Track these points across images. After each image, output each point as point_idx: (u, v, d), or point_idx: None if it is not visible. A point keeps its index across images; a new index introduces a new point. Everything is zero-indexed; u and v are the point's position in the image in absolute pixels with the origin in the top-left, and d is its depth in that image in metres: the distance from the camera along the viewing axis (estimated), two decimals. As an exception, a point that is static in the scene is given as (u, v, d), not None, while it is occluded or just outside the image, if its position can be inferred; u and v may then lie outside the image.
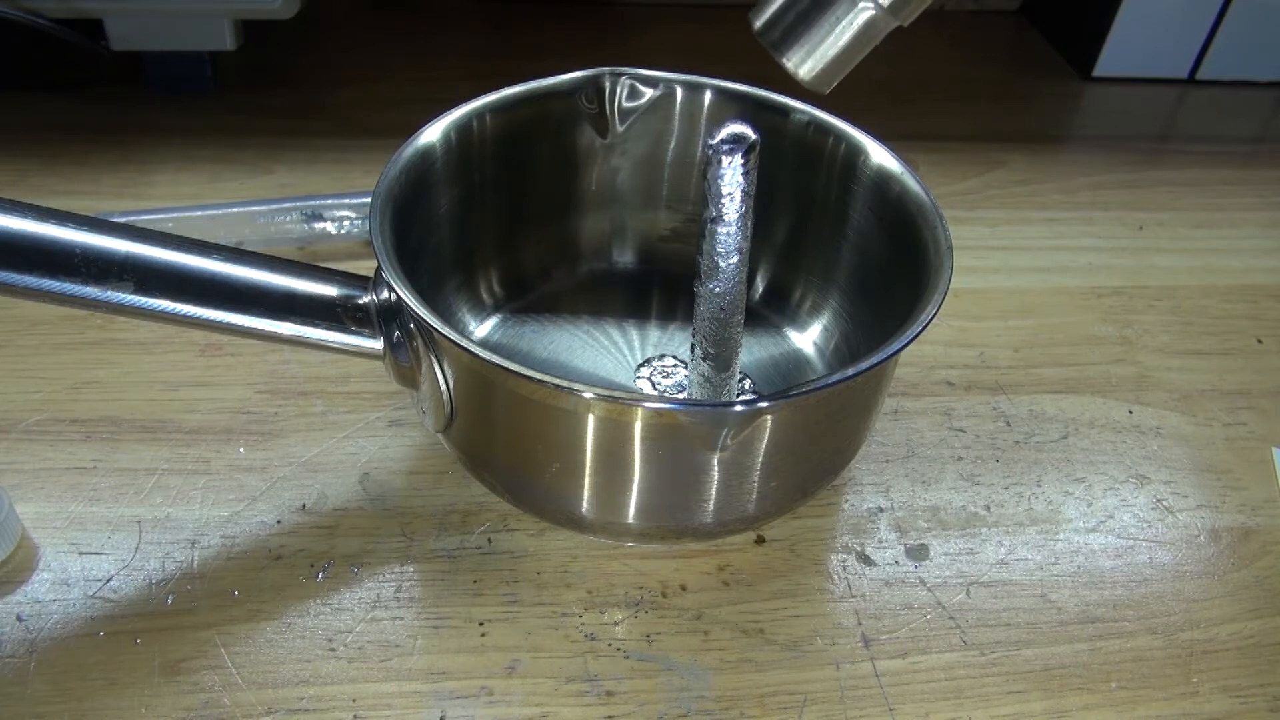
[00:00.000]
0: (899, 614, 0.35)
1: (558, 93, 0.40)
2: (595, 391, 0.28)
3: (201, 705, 0.30)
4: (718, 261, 0.31)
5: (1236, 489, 0.41)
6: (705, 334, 0.33)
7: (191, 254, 0.31)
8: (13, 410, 0.39)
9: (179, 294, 0.31)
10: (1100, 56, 0.69)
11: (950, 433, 0.42)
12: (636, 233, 0.45)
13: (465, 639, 0.33)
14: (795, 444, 0.32)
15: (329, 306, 0.33)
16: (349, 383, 0.41)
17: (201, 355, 0.42)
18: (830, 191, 0.40)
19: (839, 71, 0.31)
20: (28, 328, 0.42)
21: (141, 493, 0.36)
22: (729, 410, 0.30)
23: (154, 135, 0.54)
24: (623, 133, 0.42)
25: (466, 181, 0.39)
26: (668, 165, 0.43)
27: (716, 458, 0.30)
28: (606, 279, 0.45)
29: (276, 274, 0.32)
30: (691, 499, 0.32)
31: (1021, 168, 0.60)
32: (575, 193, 0.43)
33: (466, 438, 0.34)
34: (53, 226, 0.29)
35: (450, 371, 0.32)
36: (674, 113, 0.42)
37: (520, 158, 0.41)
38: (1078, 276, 0.52)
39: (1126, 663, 0.34)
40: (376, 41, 0.66)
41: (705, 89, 0.41)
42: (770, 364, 0.41)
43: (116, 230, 0.30)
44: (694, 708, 0.32)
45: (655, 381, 0.40)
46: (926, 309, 0.31)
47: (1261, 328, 0.50)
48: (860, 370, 0.29)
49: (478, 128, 0.38)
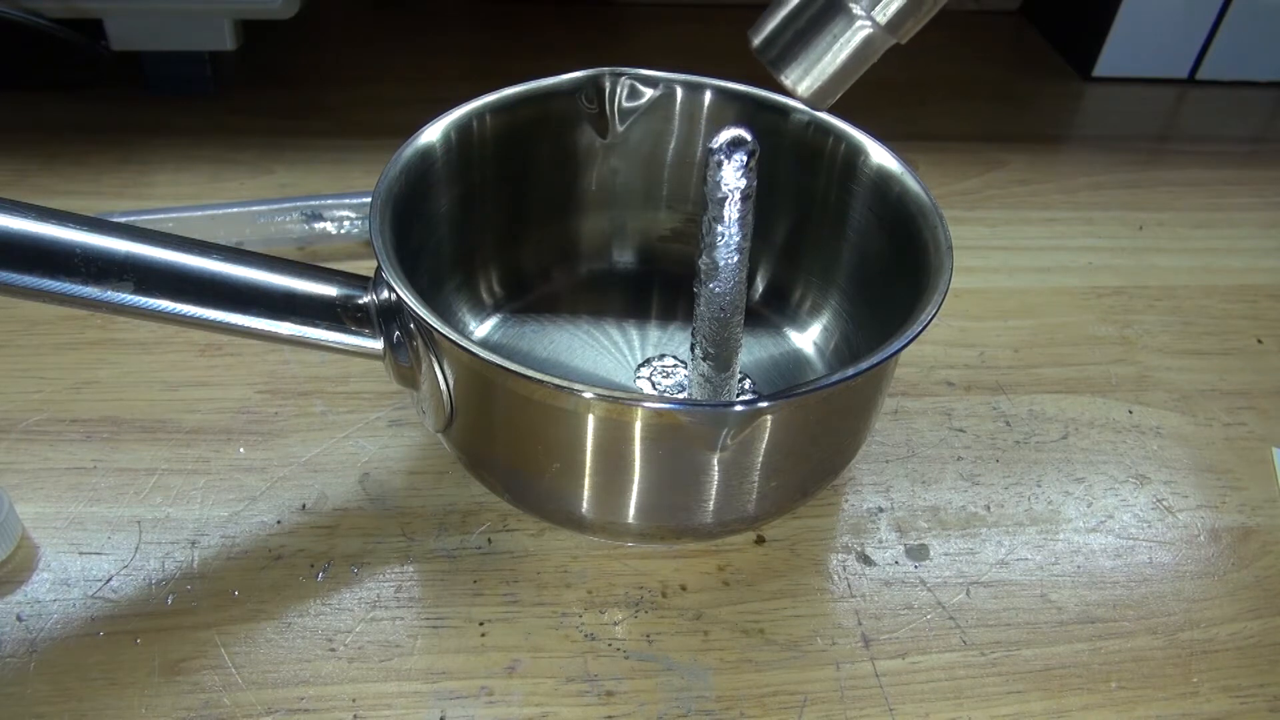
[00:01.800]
0: (899, 614, 0.35)
1: (558, 93, 0.40)
2: (595, 391, 0.28)
3: (201, 705, 0.30)
4: (718, 262, 0.31)
5: (1236, 489, 0.41)
6: (705, 334, 0.33)
7: (191, 254, 0.31)
8: (13, 410, 0.39)
9: (179, 294, 0.31)
10: (1100, 56, 0.69)
11: (950, 433, 0.42)
12: (636, 233, 0.45)
13: (465, 639, 0.33)
14: (795, 444, 0.32)
15: (329, 306, 0.33)
16: (349, 383, 0.41)
17: (201, 355, 0.42)
18: (830, 191, 0.40)
19: (837, 89, 0.31)
20: (28, 328, 0.42)
21: (141, 493, 0.36)
22: (729, 410, 0.30)
23: (154, 135, 0.54)
24: (623, 133, 0.42)
25: (466, 181, 0.39)
26: (668, 165, 0.43)
27: (716, 458, 0.30)
28: (606, 279, 0.45)
29: (276, 274, 0.32)
30: (691, 499, 0.32)
31: (1021, 168, 0.60)
32: (575, 193, 0.43)
33: (466, 438, 0.34)
34: (53, 226, 0.29)
35: (450, 371, 0.32)
36: (674, 113, 0.42)
37: (520, 158, 0.41)
38: (1078, 276, 0.52)
39: (1126, 663, 0.34)
40: (376, 41, 0.66)
41: (705, 89, 0.41)
42: (770, 364, 0.41)
43: (116, 230, 0.30)
44: (694, 708, 0.32)
45: (655, 381, 0.40)
46: (926, 309, 0.31)
47: (1261, 328, 0.50)
48: (860, 370, 0.29)
49: (478, 128, 0.38)
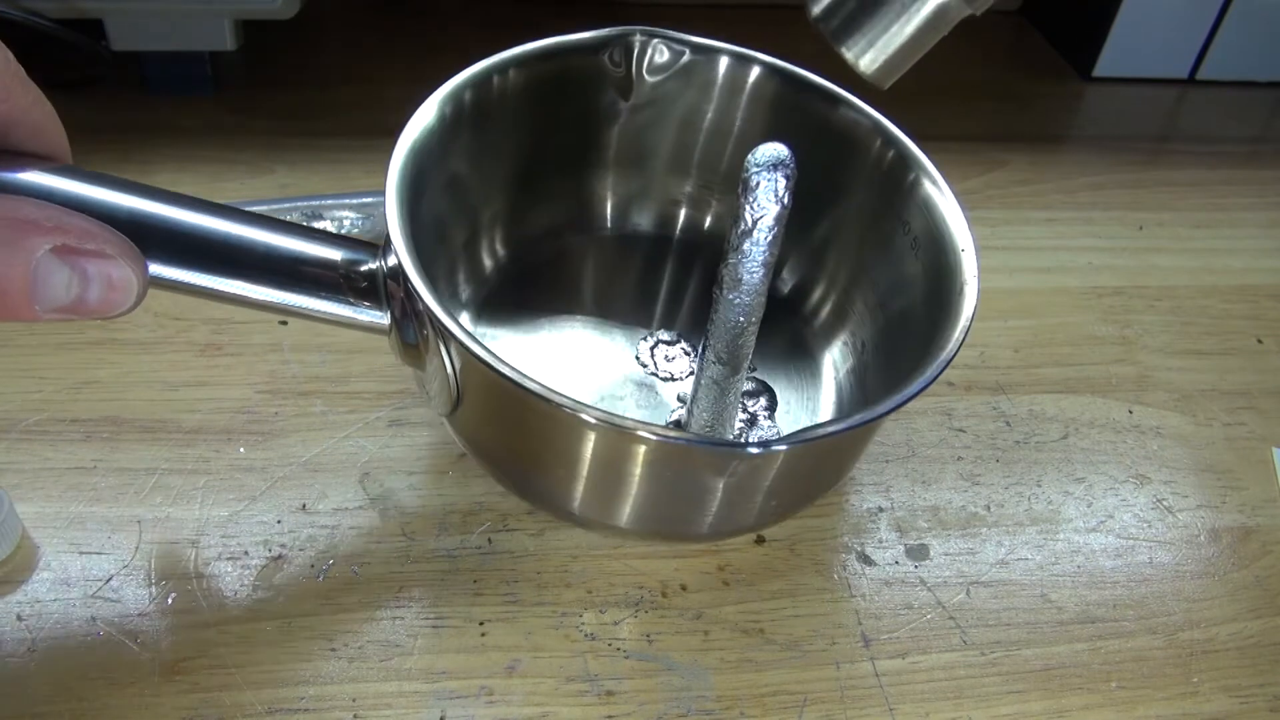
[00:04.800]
0: (899, 614, 0.35)
1: (582, 49, 0.39)
2: (601, 418, 0.27)
3: (201, 705, 0.30)
4: (742, 275, 0.30)
5: (1236, 489, 0.41)
6: (719, 338, 0.32)
7: (190, 210, 0.29)
8: (13, 410, 0.39)
9: (173, 254, 0.28)
10: (1100, 56, 0.69)
11: (950, 433, 0.42)
12: (657, 198, 0.44)
13: (465, 639, 0.33)
14: (801, 471, 0.32)
15: (332, 271, 0.31)
16: (349, 383, 0.41)
17: (201, 355, 0.42)
18: (869, 197, 0.39)
19: (903, 64, 0.29)
20: (28, 328, 0.42)
21: (141, 493, 0.36)
22: (740, 452, 0.29)
23: (154, 135, 0.54)
24: (648, 96, 0.40)
25: (482, 137, 0.37)
26: (703, 132, 0.42)
27: (723, 483, 0.30)
28: (620, 244, 0.44)
29: (276, 234, 0.30)
30: (691, 512, 0.32)
31: (1021, 168, 0.60)
32: (592, 153, 0.42)
33: (471, 427, 0.34)
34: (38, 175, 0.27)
35: (458, 359, 0.31)
36: (714, 82, 0.40)
37: (539, 114, 0.39)
38: (1078, 276, 0.52)
39: (1126, 663, 0.34)
40: (376, 41, 0.66)
41: (753, 64, 0.40)
42: (777, 356, 0.41)
43: (117, 184, 0.28)
44: (694, 708, 0.32)
45: (657, 365, 0.40)
46: (942, 352, 0.31)
47: (1261, 328, 0.50)
48: (876, 415, 0.29)
49: (498, 82, 0.37)
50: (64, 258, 0.23)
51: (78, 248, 0.23)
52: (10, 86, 0.25)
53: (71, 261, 0.23)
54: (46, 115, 0.26)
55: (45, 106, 0.26)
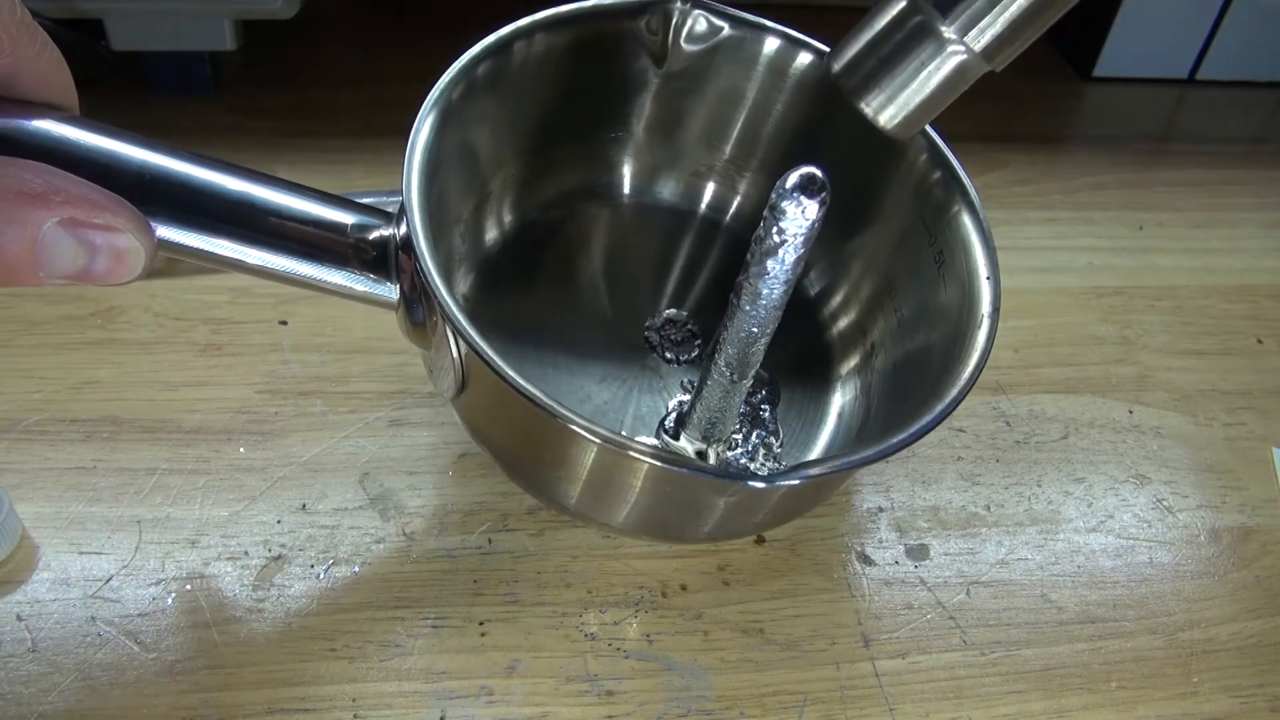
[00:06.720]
0: (899, 614, 0.35)
1: (620, 12, 0.38)
2: (604, 437, 0.27)
3: (201, 705, 0.30)
4: (761, 290, 0.30)
5: (1236, 489, 0.41)
6: (731, 345, 0.32)
7: (199, 166, 0.28)
8: (13, 410, 0.39)
9: (179, 211, 0.27)
10: (1100, 56, 0.69)
11: (950, 433, 0.42)
12: (684, 170, 0.43)
13: (465, 639, 0.33)
14: (804, 493, 0.33)
15: (340, 235, 0.29)
16: (349, 383, 0.41)
17: (201, 355, 0.42)
18: (906, 203, 0.38)
19: (922, 119, 0.29)
20: (28, 328, 0.42)
21: (141, 493, 0.36)
22: (746, 484, 0.29)
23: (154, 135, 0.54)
24: (684, 65, 0.39)
25: (505, 100, 0.37)
26: (745, 108, 0.41)
27: (723, 501, 0.30)
28: (639, 213, 0.43)
29: (290, 195, 0.29)
30: (690, 521, 0.32)
31: (1021, 168, 0.60)
32: (619, 120, 0.41)
33: (474, 415, 0.33)
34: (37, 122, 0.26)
35: (466, 357, 0.30)
36: (759, 60, 0.39)
37: (568, 77, 0.38)
38: (1078, 276, 0.52)
39: (1126, 663, 0.34)
40: (376, 41, 0.66)
41: (802, 48, 0.39)
42: (791, 355, 0.40)
43: (122, 136, 0.28)
44: (694, 708, 0.32)
45: (664, 345, 0.39)
46: (951, 392, 0.30)
47: (1261, 328, 0.50)
48: (882, 451, 0.29)
49: (526, 46, 0.36)
50: (71, 230, 0.23)
51: (85, 220, 0.23)
52: (17, 36, 0.24)
53: (79, 234, 0.23)
54: (54, 63, 0.26)
55: (54, 54, 0.26)
